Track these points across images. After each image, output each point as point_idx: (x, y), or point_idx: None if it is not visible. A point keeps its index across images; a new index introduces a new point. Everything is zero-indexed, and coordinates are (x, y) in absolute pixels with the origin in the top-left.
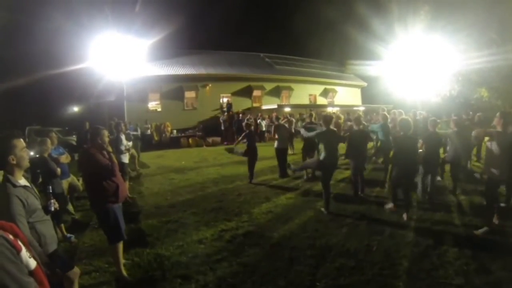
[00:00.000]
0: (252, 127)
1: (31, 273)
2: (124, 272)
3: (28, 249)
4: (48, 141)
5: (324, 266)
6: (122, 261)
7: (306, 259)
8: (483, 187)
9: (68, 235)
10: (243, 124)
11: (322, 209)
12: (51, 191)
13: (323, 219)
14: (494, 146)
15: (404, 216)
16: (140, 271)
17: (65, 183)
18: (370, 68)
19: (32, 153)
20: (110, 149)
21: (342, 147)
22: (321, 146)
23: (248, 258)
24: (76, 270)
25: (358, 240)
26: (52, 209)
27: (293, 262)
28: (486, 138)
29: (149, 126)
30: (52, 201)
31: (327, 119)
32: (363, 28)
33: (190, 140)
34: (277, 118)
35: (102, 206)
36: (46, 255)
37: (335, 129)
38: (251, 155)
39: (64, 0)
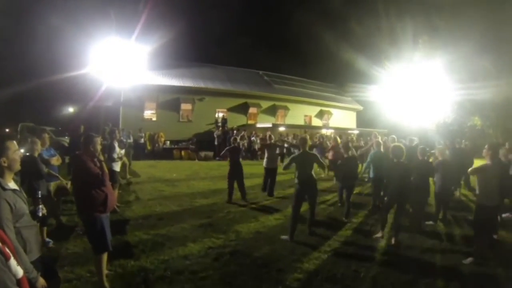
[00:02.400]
0: (237, 144)
1: (18, 281)
2: (106, 284)
3: (15, 257)
4: (39, 141)
5: None
6: (105, 272)
7: (292, 282)
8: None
9: (47, 239)
10: (231, 139)
11: (284, 237)
12: (40, 196)
13: (311, 242)
14: (486, 177)
15: (392, 240)
16: (123, 283)
17: (53, 186)
18: (367, 92)
19: (22, 150)
20: (102, 157)
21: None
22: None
23: (234, 278)
24: (59, 278)
25: (346, 266)
26: (40, 214)
27: (279, 284)
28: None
29: (143, 134)
30: (41, 206)
31: (303, 141)
32: (363, 53)
33: (182, 152)
34: (270, 137)
35: (90, 215)
36: (30, 262)
37: (311, 151)
38: (234, 171)
39: (68, 4)
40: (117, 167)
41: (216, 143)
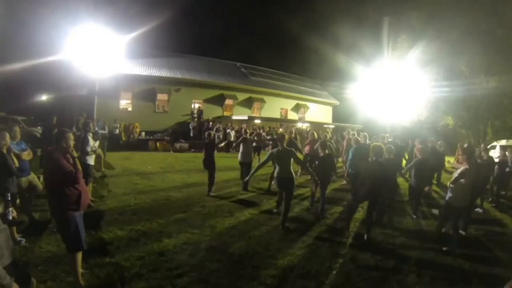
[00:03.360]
0: (212, 137)
1: None
2: (82, 283)
3: None
4: (7, 135)
5: (285, 287)
6: (80, 271)
7: (267, 278)
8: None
9: (19, 238)
10: (206, 134)
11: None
12: (9, 198)
13: (286, 238)
14: (463, 180)
15: (365, 236)
16: (99, 282)
17: (24, 181)
18: (343, 87)
19: None
20: (75, 154)
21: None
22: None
23: (209, 275)
24: (33, 280)
25: (320, 262)
26: (10, 218)
27: (255, 281)
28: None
29: (118, 125)
30: (10, 209)
31: (280, 137)
32: (341, 49)
33: (157, 144)
34: (245, 131)
35: (63, 213)
36: (3, 268)
37: (288, 148)
38: (206, 164)
39: None
40: (91, 160)
41: (191, 134)
